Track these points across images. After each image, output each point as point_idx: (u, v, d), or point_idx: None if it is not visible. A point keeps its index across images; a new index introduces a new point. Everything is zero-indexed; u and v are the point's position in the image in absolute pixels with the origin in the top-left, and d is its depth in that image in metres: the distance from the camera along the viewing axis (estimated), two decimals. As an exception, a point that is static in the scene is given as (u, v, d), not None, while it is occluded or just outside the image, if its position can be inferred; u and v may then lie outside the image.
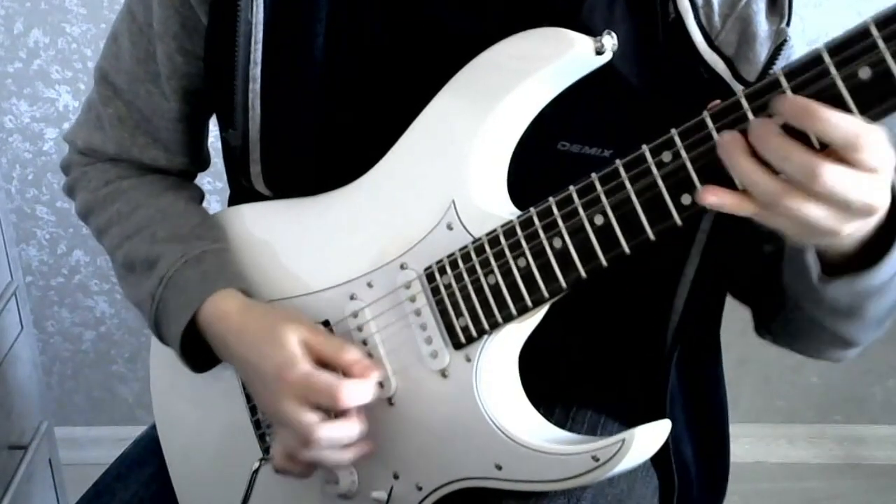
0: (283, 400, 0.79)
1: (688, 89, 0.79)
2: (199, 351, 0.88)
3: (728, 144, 0.64)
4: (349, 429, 0.80)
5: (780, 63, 0.78)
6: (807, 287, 0.76)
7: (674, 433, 0.91)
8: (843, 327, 0.80)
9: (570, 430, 0.83)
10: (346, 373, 0.80)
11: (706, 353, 0.95)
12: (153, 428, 1.04)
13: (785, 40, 0.78)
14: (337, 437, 0.79)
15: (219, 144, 0.95)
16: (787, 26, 0.78)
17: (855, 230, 0.65)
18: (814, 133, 0.61)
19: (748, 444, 2.03)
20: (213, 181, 1.75)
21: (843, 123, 0.60)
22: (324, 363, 0.80)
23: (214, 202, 1.76)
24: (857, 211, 0.63)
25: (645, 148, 0.67)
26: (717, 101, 0.65)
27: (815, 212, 0.62)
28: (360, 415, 0.80)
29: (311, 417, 0.78)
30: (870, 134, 0.60)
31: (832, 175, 0.60)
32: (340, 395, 0.77)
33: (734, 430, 0.98)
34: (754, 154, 0.63)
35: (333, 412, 0.79)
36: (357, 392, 0.78)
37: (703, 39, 0.79)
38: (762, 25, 0.79)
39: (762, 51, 0.79)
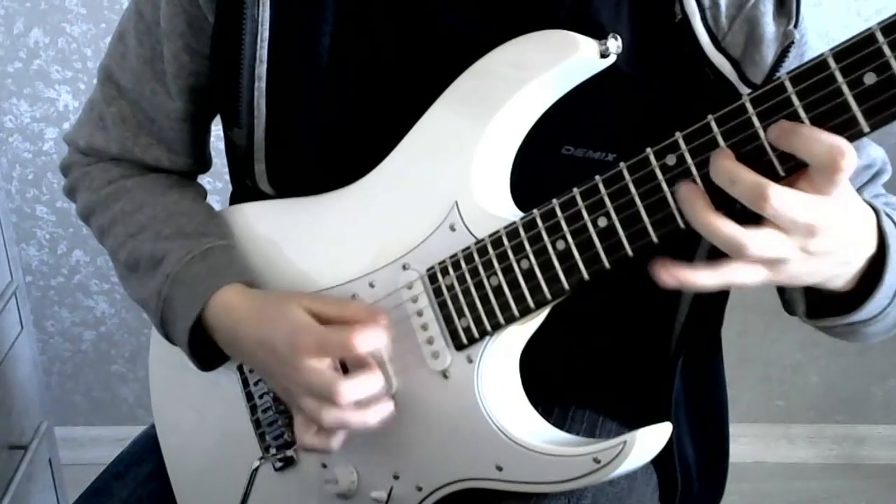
0: (301, 364, 0.78)
1: (693, 91, 0.78)
2: (206, 348, 0.88)
3: (687, 194, 0.66)
4: (372, 381, 0.79)
5: (788, 65, 0.77)
6: (800, 315, 0.79)
7: (676, 434, 0.91)
8: (849, 338, 0.82)
9: (569, 429, 0.83)
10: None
11: (708, 354, 0.95)
12: (152, 427, 1.04)
13: (792, 42, 0.77)
14: (360, 388, 0.78)
15: (219, 145, 0.95)
16: (795, 28, 0.78)
17: (814, 269, 0.67)
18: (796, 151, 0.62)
19: (748, 443, 2.03)
20: (214, 181, 1.75)
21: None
22: (331, 324, 0.80)
23: (215, 202, 1.75)
24: (802, 229, 0.64)
25: (649, 151, 0.67)
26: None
27: (777, 244, 0.64)
28: (377, 369, 0.80)
29: (331, 372, 0.78)
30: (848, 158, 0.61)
31: (780, 194, 0.62)
32: (353, 339, 0.77)
33: (734, 429, 0.98)
34: (714, 204, 0.65)
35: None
36: (368, 335, 0.78)
37: (709, 41, 0.78)
38: (769, 27, 0.78)
39: (769, 53, 0.78)
